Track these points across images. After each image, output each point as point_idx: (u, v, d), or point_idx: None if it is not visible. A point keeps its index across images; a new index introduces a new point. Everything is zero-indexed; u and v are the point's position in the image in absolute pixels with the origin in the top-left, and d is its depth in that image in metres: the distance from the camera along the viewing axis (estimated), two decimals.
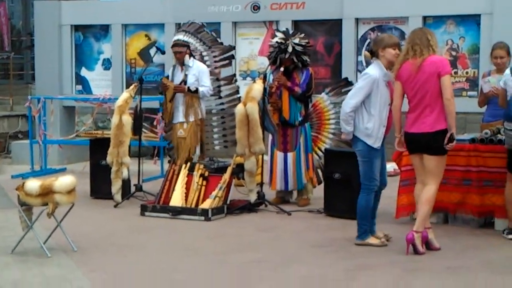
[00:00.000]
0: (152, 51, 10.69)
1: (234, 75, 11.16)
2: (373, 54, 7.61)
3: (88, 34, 14.41)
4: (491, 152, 8.27)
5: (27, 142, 13.36)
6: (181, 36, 10.45)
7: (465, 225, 8.47)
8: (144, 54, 14.00)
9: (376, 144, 7.47)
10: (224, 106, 10.64)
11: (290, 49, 9.62)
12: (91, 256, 7.40)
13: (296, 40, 9.68)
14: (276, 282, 6.56)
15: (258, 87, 9.29)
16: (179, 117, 10.07)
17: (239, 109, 9.23)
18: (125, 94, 9.87)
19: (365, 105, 7.46)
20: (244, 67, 13.32)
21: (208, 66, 10.37)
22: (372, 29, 12.64)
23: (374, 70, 7.48)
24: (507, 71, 8.11)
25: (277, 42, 9.74)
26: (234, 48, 11.38)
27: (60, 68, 14.38)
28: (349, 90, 9.72)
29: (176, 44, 10.19)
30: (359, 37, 12.72)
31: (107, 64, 14.30)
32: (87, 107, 14.76)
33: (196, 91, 9.94)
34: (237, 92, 10.68)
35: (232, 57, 11.01)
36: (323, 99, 10.10)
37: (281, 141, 9.86)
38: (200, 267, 7.03)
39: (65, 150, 13.77)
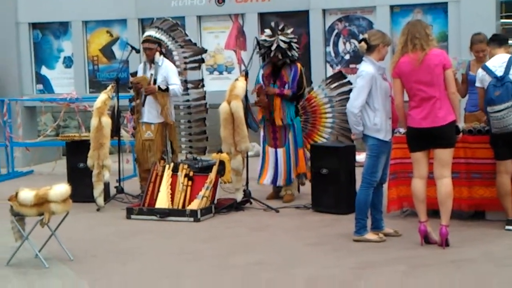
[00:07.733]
0: (127, 50, 10.42)
1: (202, 79, 11.05)
2: (369, 47, 7.56)
3: (47, 31, 14.04)
4: (480, 143, 8.28)
5: None
6: (153, 33, 10.28)
7: (455, 217, 8.32)
8: (106, 51, 13.75)
9: (388, 137, 7.52)
10: (191, 110, 10.59)
11: (274, 46, 9.52)
12: (90, 265, 7.24)
13: (282, 37, 9.55)
14: (287, 285, 6.49)
15: (241, 85, 9.15)
16: (147, 117, 9.95)
17: (224, 107, 9.05)
18: (102, 96, 9.64)
19: (368, 102, 7.45)
20: (211, 61, 13.09)
21: (177, 66, 10.25)
22: (339, 20, 12.60)
23: (369, 67, 7.48)
24: (480, 70, 8.09)
25: (263, 39, 9.63)
26: (206, 51, 11.22)
27: (19, 67, 13.99)
28: (342, 84, 9.77)
29: (147, 40, 10.02)
30: (326, 28, 12.64)
31: (68, 62, 13.96)
32: (46, 106, 14.44)
33: (167, 89, 9.81)
34: (204, 97, 10.62)
35: (202, 60, 10.88)
36: (317, 93, 10.00)
37: (271, 137, 9.80)
38: (205, 272, 6.92)
39: (30, 152, 13.41)
